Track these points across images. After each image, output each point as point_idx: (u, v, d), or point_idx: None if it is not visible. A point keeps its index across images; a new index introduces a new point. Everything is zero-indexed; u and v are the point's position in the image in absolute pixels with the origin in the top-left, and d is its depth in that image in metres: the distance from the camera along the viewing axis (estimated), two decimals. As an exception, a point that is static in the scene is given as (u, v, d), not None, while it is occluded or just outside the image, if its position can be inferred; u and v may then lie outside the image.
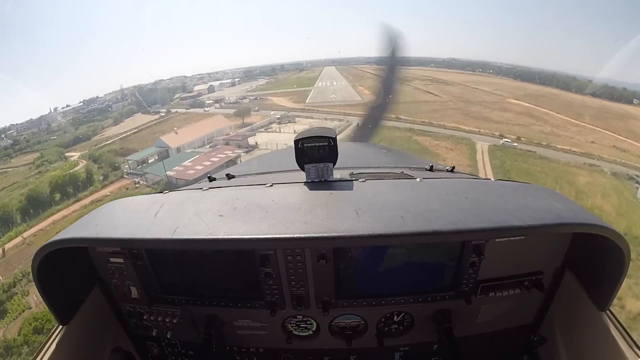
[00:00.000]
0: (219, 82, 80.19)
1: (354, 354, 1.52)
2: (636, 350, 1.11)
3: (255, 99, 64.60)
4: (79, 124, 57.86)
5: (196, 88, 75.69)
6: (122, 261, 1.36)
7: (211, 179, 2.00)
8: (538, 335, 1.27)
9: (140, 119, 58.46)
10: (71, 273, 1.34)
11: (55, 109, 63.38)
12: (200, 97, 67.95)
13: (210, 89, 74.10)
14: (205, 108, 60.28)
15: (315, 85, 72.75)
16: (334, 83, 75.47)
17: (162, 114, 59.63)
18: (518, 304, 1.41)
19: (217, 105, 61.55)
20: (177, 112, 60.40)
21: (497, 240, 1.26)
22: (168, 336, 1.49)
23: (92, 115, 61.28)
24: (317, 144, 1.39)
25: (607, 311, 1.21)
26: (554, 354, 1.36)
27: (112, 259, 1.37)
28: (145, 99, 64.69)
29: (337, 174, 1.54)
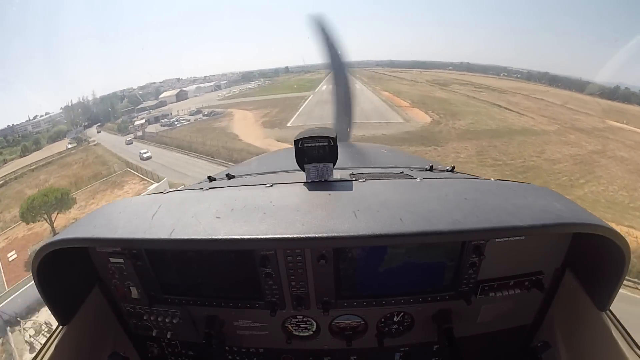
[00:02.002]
0: (195, 86, 65.12)
1: (354, 354, 1.52)
2: (636, 350, 1.11)
3: (211, 114, 45.14)
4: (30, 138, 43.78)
5: (163, 95, 59.45)
6: (122, 261, 1.36)
7: (211, 179, 2.00)
8: (541, 341, 1.26)
9: (59, 146, 42.83)
10: (71, 273, 1.34)
11: (35, 117, 53.26)
12: (140, 114, 49.11)
13: (181, 96, 58.28)
14: (126, 137, 41.43)
15: (317, 89, 50.79)
16: (345, 87, 55.62)
17: (71, 146, 43.24)
18: (518, 304, 1.41)
19: (140, 133, 42.11)
20: (87, 142, 43.61)
21: (497, 240, 1.26)
22: (168, 336, 1.49)
23: (50, 128, 48.79)
24: (317, 144, 1.39)
25: (607, 311, 1.21)
26: (554, 354, 1.36)
27: (112, 259, 1.37)
28: (96, 112, 50.53)
29: (337, 174, 1.54)
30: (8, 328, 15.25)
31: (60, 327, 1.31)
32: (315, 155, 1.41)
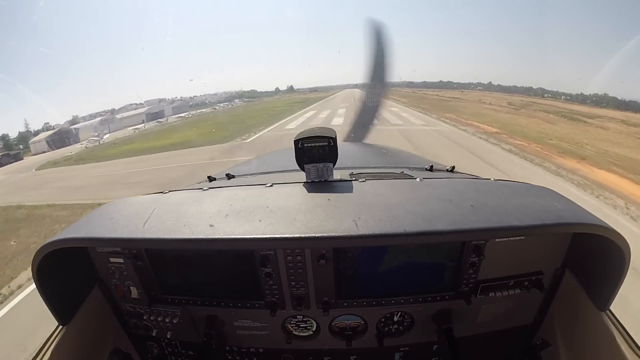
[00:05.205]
0: (99, 118, 43.21)
1: (354, 354, 1.52)
2: (636, 350, 1.11)
3: None
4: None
5: (36, 138, 37.61)
6: (122, 261, 1.36)
7: (211, 179, 2.00)
8: (540, 339, 1.26)
9: None
10: (71, 273, 1.34)
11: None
12: None
13: (59, 140, 35.84)
14: None
15: (277, 124, 25.64)
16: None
17: None
18: (518, 304, 1.41)
19: None
20: None
21: (497, 240, 1.26)
22: (168, 336, 1.49)
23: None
24: (317, 144, 1.39)
25: (607, 311, 1.21)
26: (554, 354, 1.36)
27: (112, 259, 1.37)
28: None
29: (337, 174, 1.54)
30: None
31: (60, 327, 1.31)
32: (315, 155, 1.41)
